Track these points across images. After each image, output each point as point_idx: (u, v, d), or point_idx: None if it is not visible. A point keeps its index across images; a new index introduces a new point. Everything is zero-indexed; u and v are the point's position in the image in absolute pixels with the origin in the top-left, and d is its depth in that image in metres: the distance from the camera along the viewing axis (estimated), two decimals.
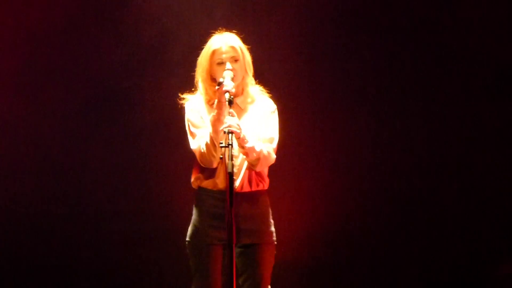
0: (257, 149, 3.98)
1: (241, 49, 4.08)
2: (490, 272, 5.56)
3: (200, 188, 4.10)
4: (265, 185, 4.12)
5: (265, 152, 4.02)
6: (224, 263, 4.07)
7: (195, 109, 4.12)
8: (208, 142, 3.96)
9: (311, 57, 5.66)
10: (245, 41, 4.15)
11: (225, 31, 4.16)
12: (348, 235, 5.64)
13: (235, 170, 3.92)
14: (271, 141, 4.10)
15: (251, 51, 4.16)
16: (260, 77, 4.24)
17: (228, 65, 4.01)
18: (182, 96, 4.18)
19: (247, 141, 3.94)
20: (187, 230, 4.13)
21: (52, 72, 5.62)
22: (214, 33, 4.16)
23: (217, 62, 4.05)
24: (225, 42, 4.07)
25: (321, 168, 5.65)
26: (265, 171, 4.13)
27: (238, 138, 3.88)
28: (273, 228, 4.13)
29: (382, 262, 5.63)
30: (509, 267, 5.05)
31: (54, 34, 5.61)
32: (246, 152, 3.97)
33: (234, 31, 4.16)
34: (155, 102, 5.61)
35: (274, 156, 4.10)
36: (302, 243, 5.60)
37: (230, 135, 3.78)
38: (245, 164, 4.04)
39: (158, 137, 5.62)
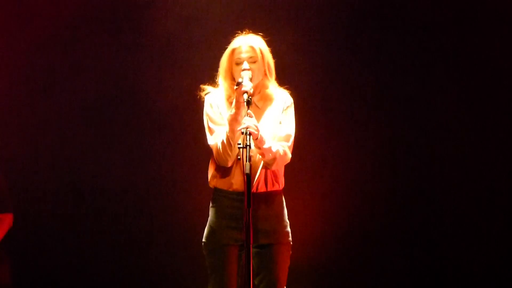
0: (274, 149, 3.98)
1: (260, 51, 4.07)
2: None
3: (216, 188, 4.10)
4: (280, 185, 4.12)
5: (281, 151, 4.02)
6: (240, 264, 4.07)
7: (215, 104, 4.11)
8: (225, 141, 3.96)
9: (333, 59, 5.66)
10: (269, 43, 4.15)
11: (250, 33, 4.15)
12: (364, 236, 5.62)
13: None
14: (287, 139, 4.09)
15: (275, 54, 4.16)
16: (279, 78, 4.24)
17: (245, 65, 4.01)
18: (203, 87, 4.18)
19: (264, 142, 3.93)
20: (204, 230, 4.13)
21: (56, 72, 5.63)
22: (240, 33, 4.16)
23: (236, 62, 4.05)
24: (245, 42, 4.07)
25: (338, 168, 5.64)
26: (280, 171, 4.13)
27: (255, 139, 3.87)
28: (288, 229, 4.12)
29: (398, 263, 5.62)
30: None
31: (57, 35, 5.62)
32: (262, 152, 3.96)
33: (260, 33, 4.16)
34: (168, 101, 5.61)
35: (289, 155, 4.09)
36: (317, 243, 5.60)
37: (247, 136, 3.77)
38: (261, 164, 4.04)
39: (171, 136, 5.63)
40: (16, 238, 5.36)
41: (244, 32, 4.17)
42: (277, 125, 4.10)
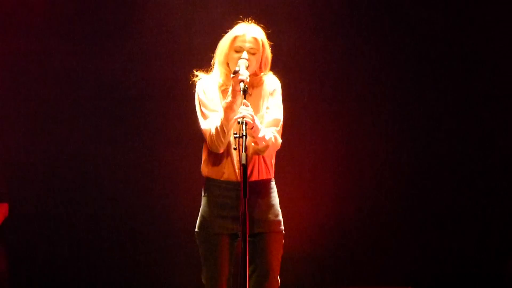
0: (267, 138, 3.97)
1: (262, 43, 4.06)
2: (498, 268, 5.61)
3: (208, 178, 4.09)
4: (271, 173, 4.11)
5: (273, 139, 4.01)
6: (232, 252, 4.08)
7: (207, 90, 4.10)
8: (218, 128, 3.95)
9: (325, 51, 5.67)
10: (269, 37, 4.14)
11: (253, 23, 4.13)
12: (356, 225, 5.66)
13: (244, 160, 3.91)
14: (276, 123, 4.07)
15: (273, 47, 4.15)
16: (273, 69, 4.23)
17: (245, 54, 4.00)
18: (196, 73, 4.17)
19: (259, 131, 3.93)
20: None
21: (55, 71, 5.63)
22: (243, 21, 4.15)
23: (235, 49, 4.03)
24: (249, 31, 4.05)
25: (331, 158, 5.66)
26: (272, 160, 4.12)
27: (250, 128, 3.86)
28: (280, 217, 4.12)
29: (390, 252, 5.66)
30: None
31: (57, 34, 5.62)
32: (256, 141, 3.96)
33: (261, 25, 4.14)
34: (159, 90, 5.63)
35: (280, 140, 4.08)
36: (310, 233, 5.62)
37: (243, 125, 3.77)
38: (251, 151, 4.03)
39: (162, 124, 5.64)
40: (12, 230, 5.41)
41: (247, 20, 4.15)
42: (263, 107, 4.08)
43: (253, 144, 3.99)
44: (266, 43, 4.09)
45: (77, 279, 5.61)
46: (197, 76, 4.16)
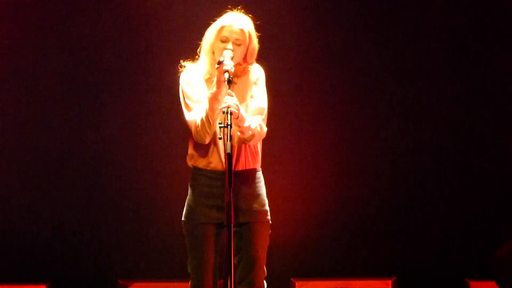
0: (253, 127, 3.96)
1: (249, 35, 4.03)
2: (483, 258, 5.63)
3: (194, 167, 4.09)
4: (257, 163, 4.10)
5: (258, 128, 4.00)
6: (217, 242, 4.07)
7: (191, 81, 4.08)
8: (204, 118, 3.94)
9: (315, 49, 5.67)
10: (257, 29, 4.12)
11: (242, 12, 4.11)
12: (343, 216, 5.67)
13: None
14: (260, 112, 4.05)
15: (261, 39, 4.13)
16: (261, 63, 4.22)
17: (230, 45, 3.97)
18: (183, 63, 4.14)
19: (245, 120, 3.92)
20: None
21: (45, 65, 5.64)
22: (231, 9, 4.12)
23: (221, 39, 4.01)
24: (236, 22, 4.02)
25: (317, 149, 5.67)
26: (258, 149, 4.11)
27: (236, 118, 3.85)
28: (267, 207, 4.11)
29: (378, 243, 5.68)
30: (506, 250, 5.08)
31: (49, 30, 5.62)
32: (242, 130, 3.95)
33: (250, 15, 4.11)
34: (146, 83, 5.64)
35: (265, 129, 4.06)
36: (297, 223, 5.63)
37: (228, 115, 3.76)
38: (236, 142, 4.02)
39: (148, 115, 5.66)
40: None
41: (236, 9, 4.12)
42: (248, 96, 4.07)
43: (238, 133, 3.98)
44: (253, 35, 4.07)
45: (65, 271, 5.63)
46: (184, 67, 4.14)
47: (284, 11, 5.63)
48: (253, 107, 4.05)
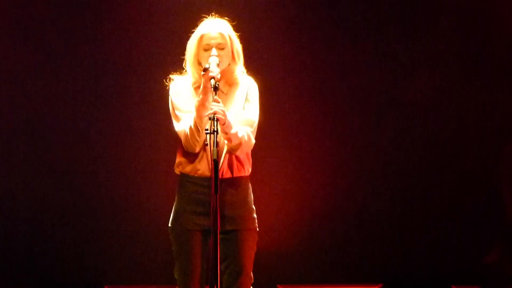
0: (240, 135, 3.97)
1: (229, 37, 4.05)
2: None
3: (182, 174, 4.09)
4: (246, 171, 4.11)
5: (246, 137, 4.01)
6: (205, 248, 4.08)
7: (180, 92, 4.10)
8: (192, 126, 3.95)
9: (303, 48, 5.67)
10: (236, 29, 4.13)
11: (217, 17, 4.13)
12: (329, 223, 5.67)
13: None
14: (251, 124, 4.07)
15: (244, 40, 4.14)
16: (248, 64, 4.23)
17: (214, 51, 3.99)
18: (171, 77, 4.16)
19: (232, 127, 3.93)
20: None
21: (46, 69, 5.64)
22: (206, 17, 4.14)
23: (204, 48, 4.03)
24: (214, 28, 4.04)
25: (305, 155, 5.67)
26: (246, 157, 4.12)
27: (222, 124, 3.87)
28: (254, 215, 4.13)
29: (366, 249, 5.68)
30: (494, 256, 5.09)
31: (49, 32, 5.62)
32: (229, 137, 3.95)
33: (226, 18, 4.13)
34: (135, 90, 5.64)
35: (253, 141, 4.08)
36: (284, 230, 5.63)
37: (215, 122, 3.77)
38: (225, 149, 4.03)
39: (137, 122, 5.66)
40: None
41: (211, 16, 4.14)
42: (240, 108, 4.09)
43: (224, 141, 3.99)
44: (233, 35, 4.09)
45: (52, 277, 5.62)
46: (172, 79, 4.15)
47: (277, 8, 5.64)
48: (243, 118, 4.07)
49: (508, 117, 5.66)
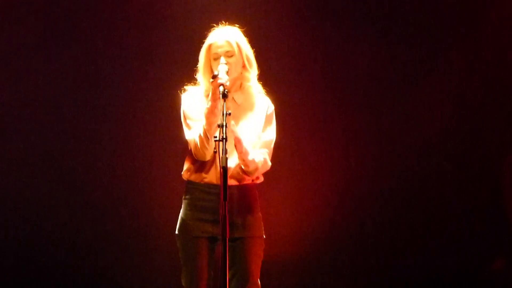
0: (257, 160, 3.99)
1: (237, 44, 4.04)
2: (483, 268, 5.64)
3: (188, 181, 4.10)
4: (253, 179, 4.10)
5: (262, 161, 4.03)
6: (211, 256, 4.08)
7: (191, 101, 4.11)
8: (202, 134, 3.95)
9: (309, 53, 5.71)
10: (246, 35, 4.13)
11: (227, 25, 4.14)
12: (338, 231, 5.68)
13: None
14: (269, 145, 4.10)
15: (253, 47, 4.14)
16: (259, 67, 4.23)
17: (222, 60, 3.99)
18: (185, 88, 4.17)
19: (249, 153, 3.95)
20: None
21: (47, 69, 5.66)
22: (215, 27, 4.15)
23: (213, 57, 4.04)
24: (221, 36, 4.04)
25: (313, 163, 5.69)
26: None
27: (240, 152, 3.91)
28: (261, 222, 4.13)
29: (374, 257, 5.69)
30: (500, 262, 5.10)
31: (49, 34, 5.64)
32: (246, 164, 3.97)
33: (236, 25, 4.14)
34: (145, 97, 5.65)
35: (269, 163, 4.10)
36: (292, 238, 5.64)
37: (224, 128, 3.75)
38: (234, 154, 4.01)
39: (146, 130, 5.67)
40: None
41: (220, 24, 4.15)
42: (255, 127, 4.10)
43: (242, 166, 4.00)
44: (243, 42, 4.08)
45: (58, 280, 5.62)
46: (186, 90, 4.17)
47: (285, 12, 5.66)
48: (262, 140, 4.10)
49: (508, 117, 5.66)
